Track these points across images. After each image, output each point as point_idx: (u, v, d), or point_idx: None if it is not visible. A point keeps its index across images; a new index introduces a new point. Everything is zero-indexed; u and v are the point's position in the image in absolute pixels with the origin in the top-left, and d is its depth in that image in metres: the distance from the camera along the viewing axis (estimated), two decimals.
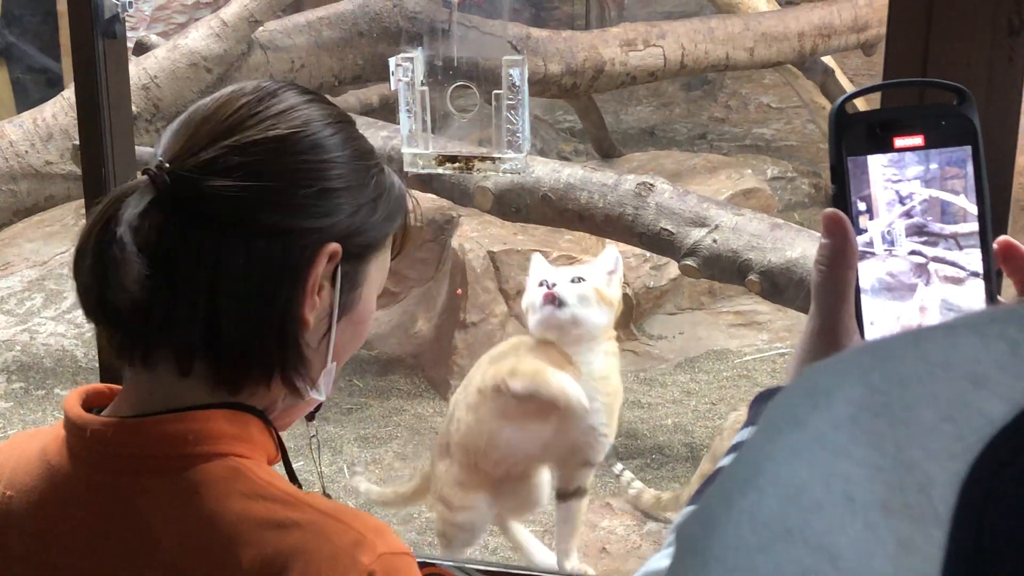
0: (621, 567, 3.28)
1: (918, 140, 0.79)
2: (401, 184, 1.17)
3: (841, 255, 0.76)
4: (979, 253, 0.80)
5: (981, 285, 0.80)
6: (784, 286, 3.19)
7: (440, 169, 2.38)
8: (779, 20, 5.30)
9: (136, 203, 1.00)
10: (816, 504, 0.44)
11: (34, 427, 4.14)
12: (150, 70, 3.97)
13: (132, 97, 2.30)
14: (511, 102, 2.31)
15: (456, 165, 2.36)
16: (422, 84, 2.35)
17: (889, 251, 0.80)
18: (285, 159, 1.05)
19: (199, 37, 4.03)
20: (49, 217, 5.44)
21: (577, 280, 2.48)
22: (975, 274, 0.80)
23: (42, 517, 1.05)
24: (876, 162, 0.79)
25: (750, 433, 0.79)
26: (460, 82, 2.38)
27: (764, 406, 0.81)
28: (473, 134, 2.62)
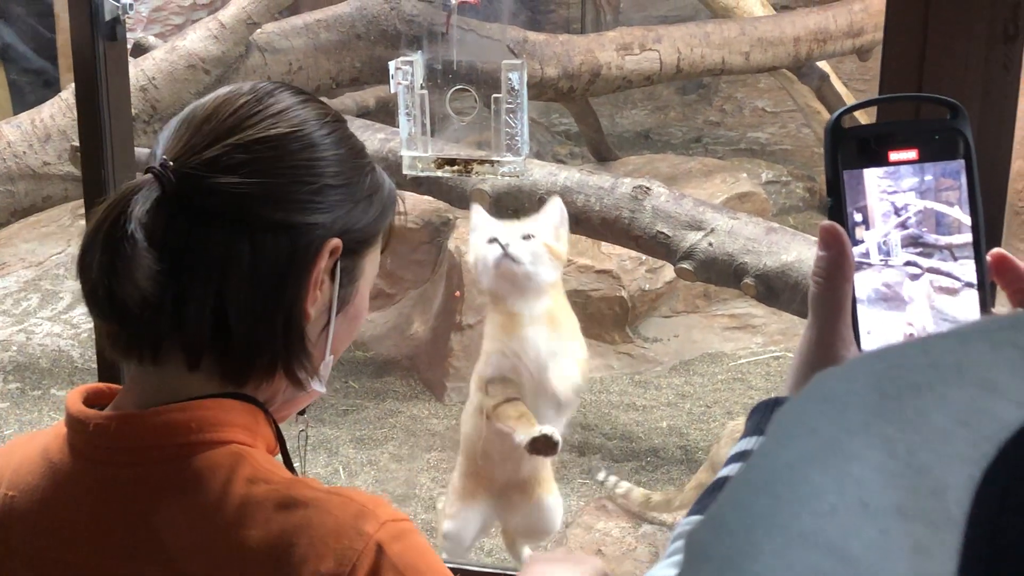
0: (617, 569, 3.29)
1: (912, 154, 0.80)
2: (391, 183, 1.20)
3: (838, 267, 0.78)
4: (973, 264, 0.81)
5: (975, 296, 0.81)
6: (779, 290, 3.20)
7: (439, 172, 2.39)
8: (775, 25, 5.31)
9: (144, 200, 1.02)
10: (831, 509, 0.44)
11: (30, 427, 4.14)
12: (148, 71, 3.98)
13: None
14: (510, 106, 2.32)
15: (455, 168, 2.37)
16: (421, 87, 2.36)
17: (885, 262, 0.81)
18: (286, 157, 1.07)
19: (197, 39, 4.04)
20: (45, 218, 5.44)
21: (528, 237, 2.48)
22: (969, 285, 0.81)
23: (46, 515, 1.05)
24: (872, 174, 0.81)
25: (754, 443, 0.80)
26: (459, 85, 2.39)
27: (763, 416, 0.82)
28: (471, 137, 2.63)
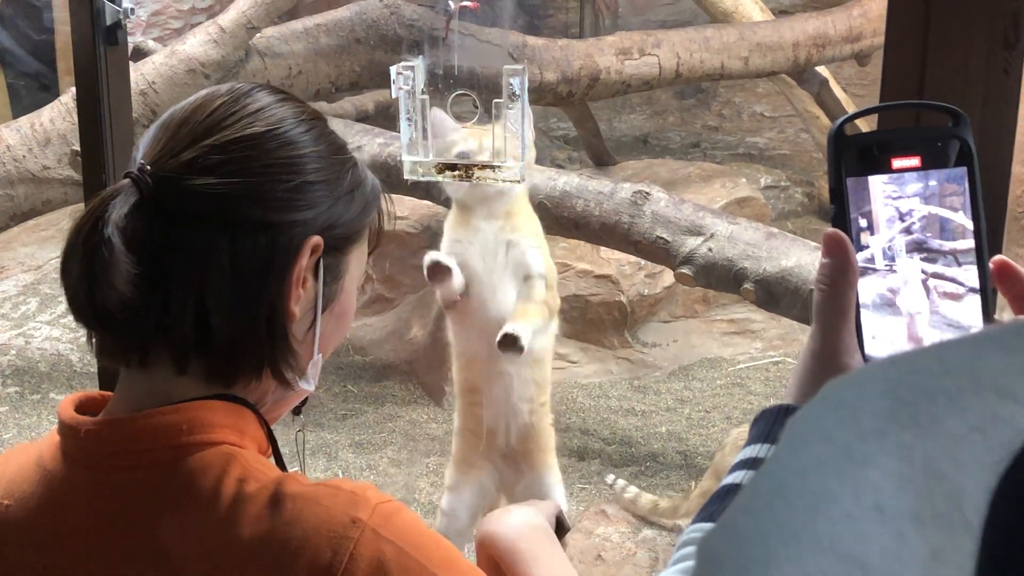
0: (616, 574, 3.29)
1: (915, 161, 0.81)
2: (374, 179, 1.19)
3: (842, 274, 0.78)
4: (976, 269, 0.81)
5: (979, 301, 0.81)
6: (779, 295, 3.20)
7: (439, 177, 2.39)
8: (774, 30, 5.32)
9: (121, 205, 1.02)
10: (846, 515, 0.44)
11: (29, 431, 4.14)
12: (148, 76, 3.98)
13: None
14: (511, 111, 2.32)
15: (455, 173, 2.37)
16: (422, 92, 2.36)
17: (890, 267, 0.81)
18: (263, 155, 1.07)
19: (197, 43, 4.04)
20: (44, 221, 5.44)
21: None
22: (974, 290, 0.81)
23: (41, 523, 1.05)
24: (876, 180, 0.81)
25: (760, 450, 0.80)
26: (460, 91, 2.39)
27: (768, 423, 0.82)
28: None
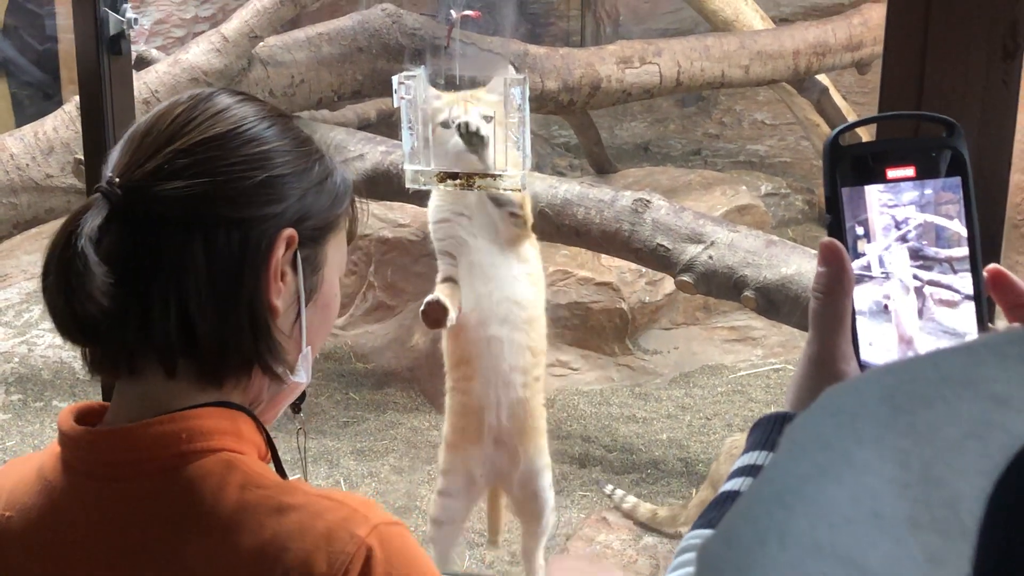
0: None
1: (909, 171, 0.82)
2: (344, 171, 1.20)
3: (837, 283, 0.79)
4: (971, 277, 0.82)
5: (974, 308, 0.82)
6: (779, 302, 3.21)
7: (441, 186, 2.40)
8: (774, 38, 5.34)
9: (93, 218, 1.04)
10: (845, 520, 0.45)
11: (32, 439, 4.14)
12: (151, 85, 3.99)
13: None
14: (512, 120, 2.34)
15: (457, 182, 2.38)
16: (424, 102, 2.38)
17: (886, 274, 0.82)
18: (228, 154, 1.09)
19: (200, 52, 4.05)
20: (48, 230, 5.44)
21: (488, 119, 2.44)
22: (969, 297, 0.82)
23: (42, 533, 1.06)
24: (872, 188, 0.82)
25: (758, 457, 0.81)
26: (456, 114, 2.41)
27: (765, 430, 0.83)
28: None
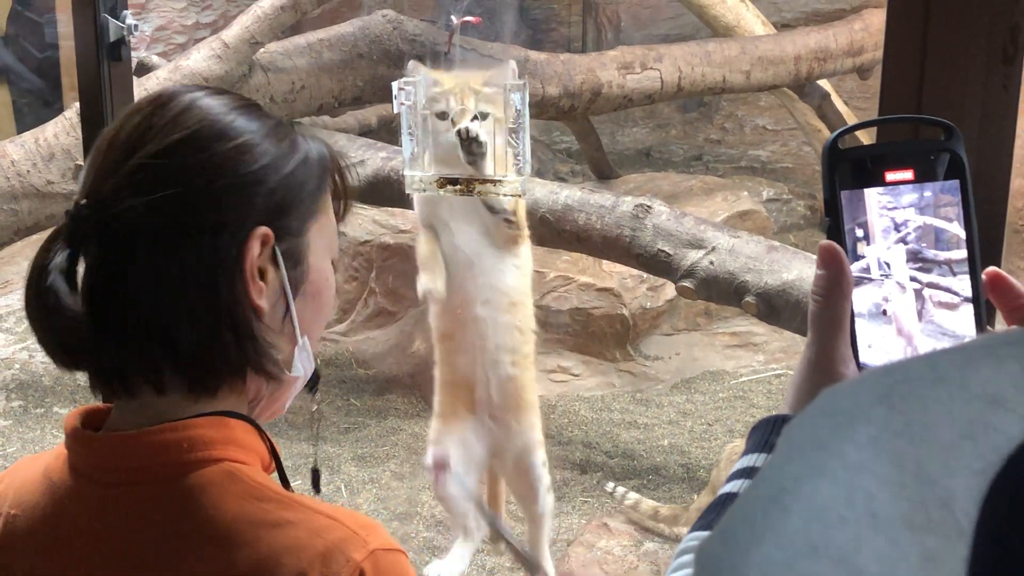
0: None
1: (908, 174, 0.82)
2: (322, 146, 1.16)
3: (836, 286, 0.79)
4: (970, 280, 0.82)
5: (972, 310, 0.82)
6: (780, 308, 3.21)
7: (441, 191, 2.40)
8: (775, 44, 5.34)
9: (62, 248, 1.04)
10: (840, 521, 0.45)
11: (33, 445, 4.14)
12: (152, 91, 4.00)
13: None
14: (512, 126, 2.34)
15: (457, 187, 2.38)
16: (424, 107, 2.38)
17: (885, 276, 0.82)
18: (191, 158, 1.05)
19: (201, 58, 4.06)
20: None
21: (484, 116, 2.40)
22: (968, 299, 0.82)
23: (47, 534, 1.07)
24: (871, 191, 0.82)
25: (757, 459, 0.81)
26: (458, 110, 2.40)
27: (764, 433, 0.83)
28: None
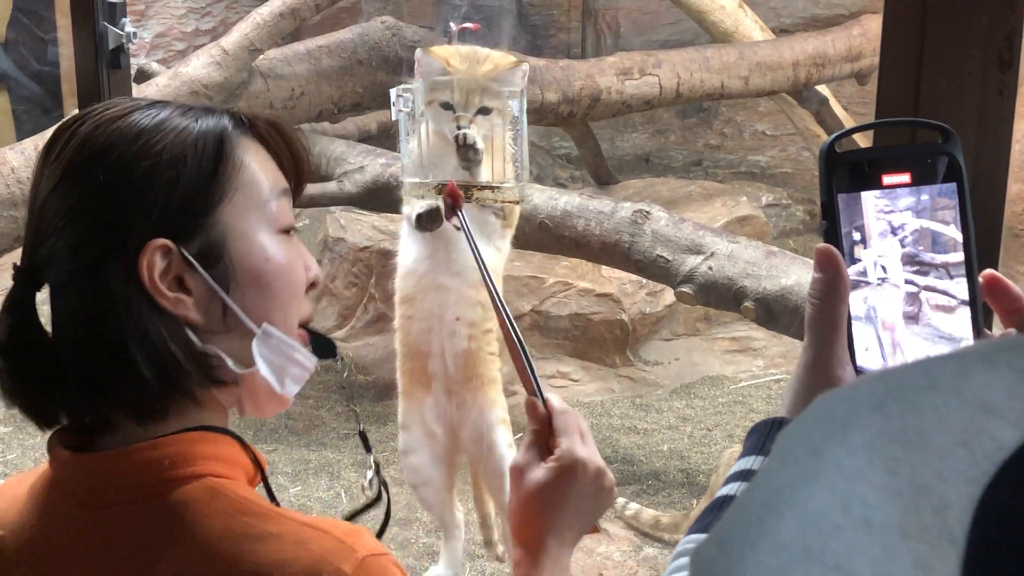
0: None
1: (905, 178, 0.82)
2: (208, 122, 1.08)
3: (833, 289, 0.79)
4: (967, 283, 0.82)
5: (970, 313, 0.82)
6: (779, 313, 3.21)
7: (440, 197, 2.40)
8: (774, 49, 5.35)
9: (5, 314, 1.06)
10: (835, 527, 0.45)
11: (32, 451, 4.13)
12: (151, 98, 4.00)
13: None
14: (510, 132, 2.34)
15: None
16: (422, 114, 2.38)
17: (882, 280, 0.82)
18: (69, 196, 1.04)
19: (200, 65, 4.06)
20: None
21: (487, 111, 2.39)
22: (965, 302, 0.82)
23: (33, 554, 1.06)
24: (868, 195, 0.82)
25: (754, 462, 0.81)
26: (461, 110, 2.41)
27: (761, 435, 0.83)
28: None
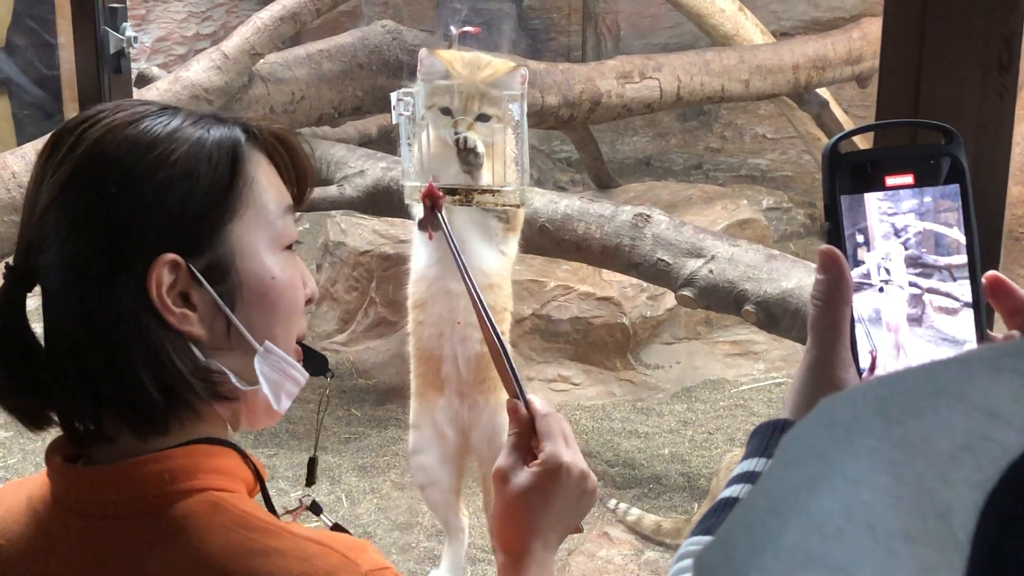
0: None
1: (908, 179, 0.82)
2: (228, 130, 1.07)
3: (836, 290, 0.79)
4: (970, 285, 0.82)
5: (973, 316, 0.82)
6: (780, 316, 3.21)
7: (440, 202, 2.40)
8: (774, 53, 5.35)
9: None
10: (838, 532, 0.45)
11: (33, 456, 4.12)
12: (158, 102, 4.00)
13: None
14: (511, 136, 2.34)
15: (456, 198, 2.38)
16: (422, 118, 2.38)
17: (885, 282, 0.82)
18: (76, 203, 1.02)
19: (200, 69, 4.07)
20: None
21: (487, 118, 2.38)
22: (968, 304, 0.82)
23: (32, 565, 1.05)
24: (871, 196, 0.82)
25: (758, 464, 0.81)
26: (460, 115, 2.41)
27: (765, 437, 0.83)
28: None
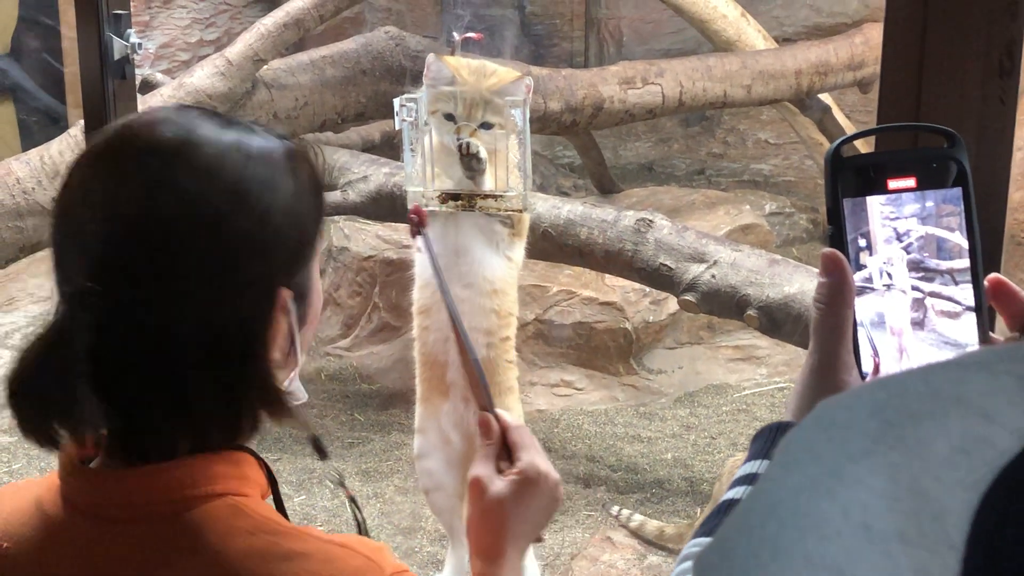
0: None
1: (911, 182, 0.82)
2: (311, 164, 1.09)
3: (839, 293, 0.80)
4: (972, 288, 0.83)
5: (975, 319, 0.83)
6: (782, 321, 3.21)
7: (443, 207, 2.41)
8: (776, 58, 5.36)
9: (78, 334, 1.00)
10: (835, 533, 0.46)
11: (38, 461, 4.13)
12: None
13: None
14: (514, 142, 2.35)
15: (459, 203, 2.39)
16: (425, 124, 2.39)
17: (888, 286, 0.83)
18: (185, 244, 0.99)
19: (204, 75, 4.08)
20: None
21: (490, 127, 2.39)
22: (970, 308, 0.82)
23: (40, 567, 1.04)
24: (874, 200, 0.83)
25: (759, 466, 0.81)
26: (463, 122, 2.41)
27: (767, 440, 0.83)
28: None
